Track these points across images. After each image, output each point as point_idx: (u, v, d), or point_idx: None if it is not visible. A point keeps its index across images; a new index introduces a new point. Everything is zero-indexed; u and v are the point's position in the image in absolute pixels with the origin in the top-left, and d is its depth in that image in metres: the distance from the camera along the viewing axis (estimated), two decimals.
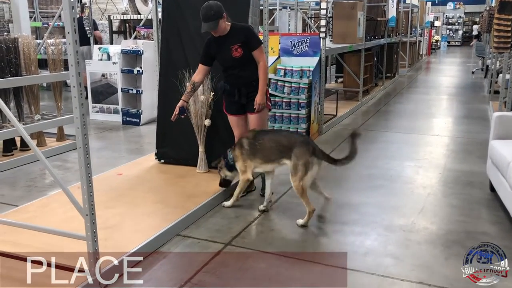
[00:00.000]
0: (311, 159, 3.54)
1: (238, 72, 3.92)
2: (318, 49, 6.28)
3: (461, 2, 30.94)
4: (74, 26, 2.44)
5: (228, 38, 3.84)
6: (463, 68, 16.37)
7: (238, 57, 3.84)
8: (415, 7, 15.65)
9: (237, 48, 3.82)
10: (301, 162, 3.54)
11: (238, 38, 3.82)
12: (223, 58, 3.92)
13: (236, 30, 3.86)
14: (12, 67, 4.87)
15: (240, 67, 3.90)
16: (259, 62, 3.88)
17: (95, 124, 7.24)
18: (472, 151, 5.78)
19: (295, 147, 3.59)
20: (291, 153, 3.60)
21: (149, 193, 4.12)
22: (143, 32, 7.93)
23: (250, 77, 3.92)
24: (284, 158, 3.66)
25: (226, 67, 3.98)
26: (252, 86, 3.93)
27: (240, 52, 3.83)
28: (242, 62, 3.87)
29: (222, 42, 3.86)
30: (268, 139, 3.79)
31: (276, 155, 3.73)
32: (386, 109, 8.77)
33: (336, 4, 8.97)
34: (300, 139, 3.70)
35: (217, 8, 3.72)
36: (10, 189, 4.51)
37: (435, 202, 4.16)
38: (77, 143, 2.60)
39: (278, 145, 3.72)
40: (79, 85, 2.51)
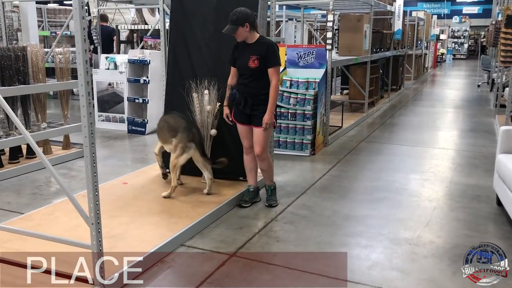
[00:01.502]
0: (189, 145, 4.14)
1: (249, 82, 3.97)
2: (324, 61, 6.30)
3: (466, 16, 31.03)
4: (84, 36, 2.46)
5: (251, 47, 3.93)
6: (469, 82, 16.36)
7: (253, 68, 3.90)
8: (421, 20, 15.70)
9: (254, 59, 3.89)
10: (180, 145, 4.13)
11: (259, 50, 3.90)
12: (241, 64, 4.00)
13: (261, 43, 3.94)
14: (20, 75, 4.91)
15: (252, 78, 3.95)
16: (271, 81, 3.92)
17: (100, 132, 7.26)
18: (478, 165, 5.75)
19: (179, 131, 4.15)
20: (176, 135, 4.17)
21: (154, 203, 4.12)
22: (150, 42, 7.99)
23: (259, 90, 3.95)
24: (173, 138, 4.19)
25: (240, 74, 4.05)
26: (259, 99, 3.96)
27: (256, 64, 3.89)
28: (255, 73, 3.92)
29: (245, 50, 3.96)
30: (163, 121, 4.39)
31: (168, 136, 4.27)
32: (392, 122, 8.76)
33: (343, 16, 9.02)
34: (184, 125, 4.17)
35: (241, 15, 3.82)
36: (16, 196, 4.52)
37: (441, 216, 4.13)
38: (84, 152, 2.60)
39: (169, 127, 4.26)
40: (88, 94, 2.52)
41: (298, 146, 6.05)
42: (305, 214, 4.12)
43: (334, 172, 5.39)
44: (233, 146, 4.54)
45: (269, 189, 4.29)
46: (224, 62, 4.30)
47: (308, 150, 6.02)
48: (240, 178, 4.58)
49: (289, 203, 4.34)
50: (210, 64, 4.66)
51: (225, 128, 4.49)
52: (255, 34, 3.94)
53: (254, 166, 4.25)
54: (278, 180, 4.80)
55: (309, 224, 3.92)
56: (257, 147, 4.04)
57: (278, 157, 5.60)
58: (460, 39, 30.34)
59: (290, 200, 4.40)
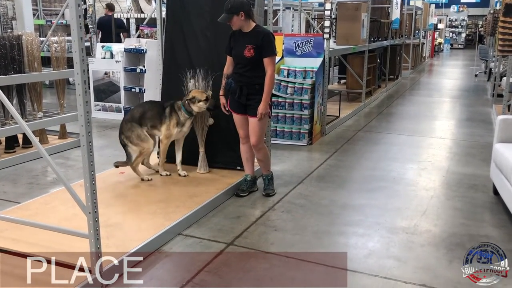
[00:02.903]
0: None
1: (244, 71, 3.95)
2: (321, 50, 6.27)
3: (464, 5, 30.92)
4: (80, 24, 2.43)
5: (247, 36, 3.90)
6: (466, 71, 16.34)
7: (249, 57, 3.87)
8: (419, 9, 15.64)
9: (250, 48, 3.86)
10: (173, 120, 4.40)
11: (255, 39, 3.87)
12: (236, 53, 3.98)
13: (257, 32, 3.91)
14: (15, 64, 4.87)
15: (248, 67, 3.92)
16: (267, 71, 3.90)
17: (97, 122, 7.23)
18: (475, 154, 5.76)
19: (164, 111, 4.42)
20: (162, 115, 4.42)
21: (151, 192, 4.12)
22: (146, 31, 7.92)
23: (254, 80, 3.93)
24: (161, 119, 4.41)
25: (236, 63, 4.03)
26: (254, 89, 3.94)
27: (252, 53, 3.86)
28: (251, 63, 3.90)
29: (241, 38, 3.94)
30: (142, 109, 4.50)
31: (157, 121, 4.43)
32: (389, 111, 8.76)
33: (340, 5, 8.95)
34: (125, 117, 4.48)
35: (236, 4, 3.80)
36: (12, 186, 4.51)
37: (438, 205, 4.15)
38: (81, 141, 2.59)
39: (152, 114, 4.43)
40: (84, 83, 2.50)
41: (296, 136, 6.04)
42: (303, 203, 4.12)
43: (332, 162, 5.40)
44: (230, 135, 4.53)
45: (266, 179, 4.29)
46: (220, 51, 4.27)
47: (305, 139, 6.02)
48: (238, 168, 4.57)
49: (287, 192, 4.35)
50: (206, 53, 4.62)
51: (222, 117, 4.48)
52: (250, 23, 3.90)
53: (251, 156, 4.24)
54: (276, 170, 4.80)
55: (306, 213, 3.93)
56: (253, 137, 4.03)
57: (275, 147, 5.59)
58: (457, 28, 30.26)
59: (288, 190, 4.40)
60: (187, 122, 4.38)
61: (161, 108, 4.41)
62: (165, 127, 4.35)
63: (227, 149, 4.62)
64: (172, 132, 4.34)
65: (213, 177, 4.43)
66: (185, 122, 4.37)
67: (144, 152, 4.34)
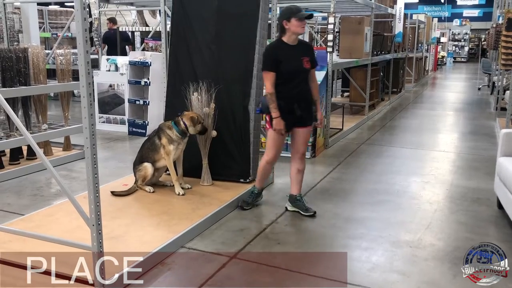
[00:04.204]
0: None
1: (304, 85, 3.88)
2: (325, 63, 6.30)
3: (467, 19, 31.06)
4: (86, 37, 2.46)
5: (298, 49, 3.84)
6: (469, 84, 16.36)
7: (308, 69, 3.85)
8: (422, 23, 15.72)
9: (307, 60, 3.83)
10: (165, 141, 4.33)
11: (307, 52, 3.88)
12: (294, 68, 3.79)
13: (304, 44, 3.96)
14: (21, 77, 4.92)
15: (305, 80, 3.89)
16: (313, 81, 3.94)
17: (101, 134, 7.26)
18: (479, 167, 5.75)
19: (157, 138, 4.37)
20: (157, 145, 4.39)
21: (154, 204, 4.11)
22: (151, 44, 8.00)
23: (310, 91, 3.94)
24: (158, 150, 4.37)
25: (291, 78, 3.79)
26: (311, 100, 3.95)
27: (309, 66, 3.85)
28: (307, 75, 3.89)
29: (290, 52, 3.81)
30: None
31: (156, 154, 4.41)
32: (392, 124, 8.76)
33: (344, 19, 9.02)
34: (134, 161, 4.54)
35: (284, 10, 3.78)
36: (16, 197, 4.51)
37: (442, 218, 4.13)
38: (85, 153, 2.61)
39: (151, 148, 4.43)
40: (89, 96, 2.52)
41: None
42: (306, 216, 4.11)
43: (335, 175, 5.39)
44: (234, 147, 4.54)
45: (301, 197, 4.16)
46: (225, 64, 4.29)
47: (308, 152, 6.01)
48: (241, 180, 4.57)
49: None
50: (211, 66, 4.65)
51: (225, 130, 4.49)
52: None
53: (268, 172, 4.30)
54: (279, 183, 4.80)
55: (309, 226, 3.92)
56: (303, 147, 4.05)
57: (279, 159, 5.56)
58: (460, 42, 30.36)
59: None
60: (181, 141, 4.34)
61: (153, 136, 4.42)
62: (161, 149, 4.32)
63: (230, 162, 4.63)
64: (169, 148, 4.28)
65: (216, 190, 4.43)
66: (179, 140, 4.31)
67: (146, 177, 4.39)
